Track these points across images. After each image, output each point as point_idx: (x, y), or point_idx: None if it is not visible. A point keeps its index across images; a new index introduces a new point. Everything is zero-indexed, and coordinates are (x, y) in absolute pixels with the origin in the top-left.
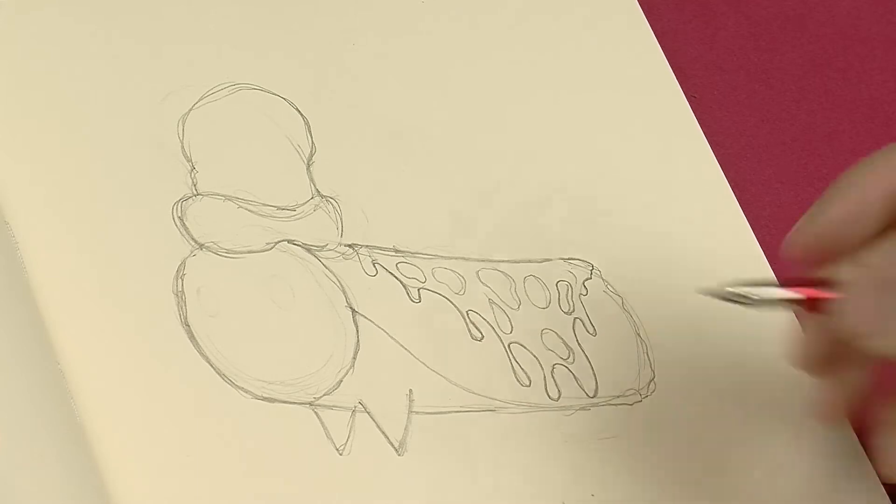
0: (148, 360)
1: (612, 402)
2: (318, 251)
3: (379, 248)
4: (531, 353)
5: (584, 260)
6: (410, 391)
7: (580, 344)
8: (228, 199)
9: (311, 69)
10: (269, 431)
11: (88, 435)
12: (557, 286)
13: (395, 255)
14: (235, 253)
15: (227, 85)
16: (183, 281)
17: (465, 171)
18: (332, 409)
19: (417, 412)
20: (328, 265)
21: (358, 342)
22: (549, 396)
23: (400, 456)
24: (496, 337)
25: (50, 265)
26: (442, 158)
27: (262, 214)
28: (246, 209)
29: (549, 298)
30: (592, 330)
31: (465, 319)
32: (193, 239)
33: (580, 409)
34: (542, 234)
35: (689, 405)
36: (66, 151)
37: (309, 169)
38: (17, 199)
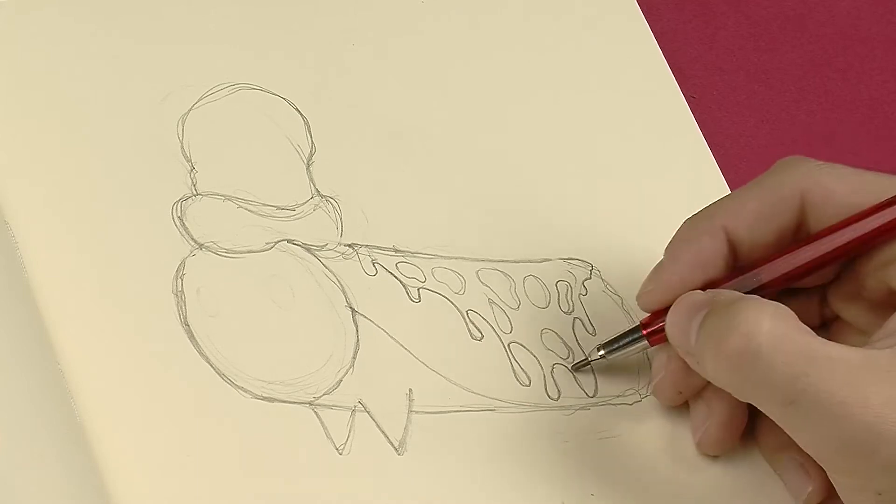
0: (148, 360)
1: (611, 402)
2: (317, 251)
3: (379, 247)
4: (531, 352)
5: (583, 260)
6: (410, 391)
7: (580, 344)
8: (228, 199)
9: (311, 69)
10: (269, 431)
11: (88, 435)
12: (557, 286)
13: (394, 254)
14: (235, 253)
15: (226, 85)
16: (183, 281)
17: (465, 171)
18: (331, 408)
19: (417, 412)
20: (328, 265)
21: (358, 342)
22: (548, 396)
23: (400, 456)
24: (496, 337)
25: (50, 265)
26: (442, 158)
27: (261, 214)
28: (246, 209)
29: (548, 298)
30: (592, 330)
31: (464, 319)
32: (193, 239)
33: (580, 408)
34: (541, 234)
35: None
36: (66, 151)
37: (309, 169)
38: (17, 199)
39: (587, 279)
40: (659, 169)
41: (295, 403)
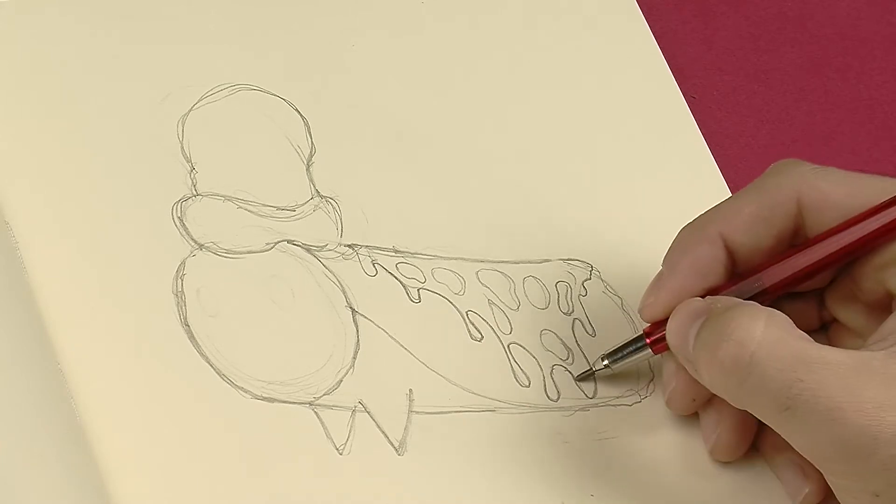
0: (148, 360)
1: (611, 402)
2: (317, 251)
3: (379, 248)
4: (530, 353)
5: (583, 261)
6: (410, 391)
7: (579, 345)
8: (228, 199)
9: (311, 69)
10: (269, 431)
11: (88, 435)
12: (557, 287)
13: (394, 255)
14: (235, 253)
15: (226, 85)
16: (183, 281)
17: (464, 171)
18: (332, 408)
19: (417, 412)
20: (328, 265)
21: (358, 342)
22: (548, 397)
23: (400, 456)
24: (496, 337)
25: (50, 265)
26: (442, 158)
27: (261, 215)
28: (246, 209)
29: (548, 299)
30: (592, 331)
31: (464, 320)
32: (193, 239)
33: (579, 409)
34: (541, 234)
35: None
36: (66, 151)
37: (308, 169)
38: (17, 199)
39: (587, 280)
40: (659, 169)
41: (295, 403)
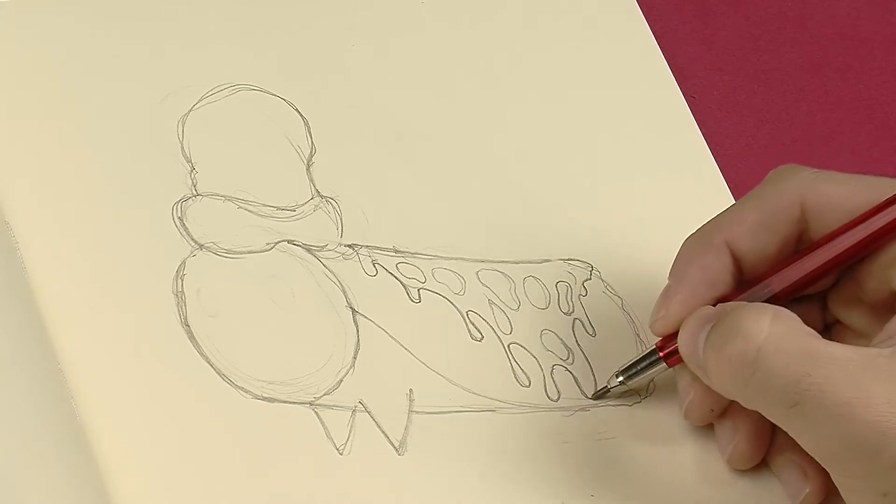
0: (148, 360)
1: (611, 403)
2: (318, 251)
3: (379, 248)
4: (531, 353)
5: (583, 261)
6: (410, 391)
7: (580, 345)
8: (228, 199)
9: (311, 69)
10: (269, 431)
11: (88, 435)
12: (557, 287)
13: (395, 255)
14: (235, 253)
15: (226, 85)
16: (183, 281)
17: (464, 171)
18: (332, 408)
19: (417, 412)
20: (328, 265)
21: (358, 342)
22: (548, 397)
23: (400, 456)
24: (496, 337)
25: (50, 265)
26: (442, 158)
27: (261, 215)
28: (246, 209)
29: (548, 299)
30: (592, 331)
31: (464, 320)
32: (193, 239)
33: (580, 409)
34: (541, 234)
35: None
36: (66, 151)
37: (309, 169)
38: (17, 199)
39: (587, 280)
40: (659, 169)
41: (295, 403)
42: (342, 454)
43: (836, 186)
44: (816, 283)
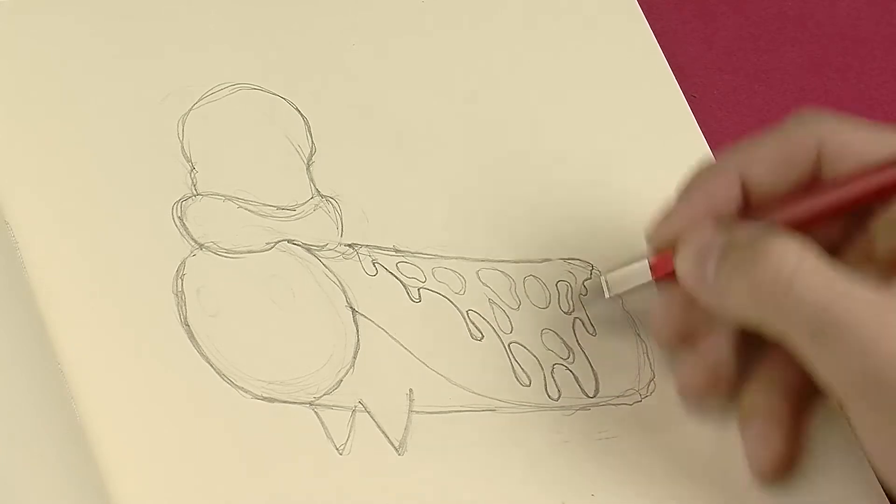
0: (148, 360)
1: (611, 402)
2: (318, 251)
3: (379, 247)
4: (531, 352)
5: (584, 260)
6: (410, 391)
7: (580, 344)
8: (228, 199)
9: (311, 69)
10: (269, 431)
11: (88, 435)
12: (557, 286)
13: (395, 254)
14: (235, 253)
15: (226, 85)
16: (183, 281)
17: (465, 170)
18: (332, 408)
19: (417, 412)
20: (328, 265)
21: (358, 342)
22: (548, 396)
23: (400, 456)
24: (496, 337)
25: (50, 265)
26: (442, 158)
27: (261, 214)
28: (246, 209)
29: (548, 298)
30: (592, 330)
31: (465, 319)
32: (193, 239)
33: (580, 409)
34: (542, 234)
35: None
36: (66, 151)
37: (309, 169)
38: (17, 199)
39: (587, 279)
40: (659, 169)
41: (295, 403)
42: (342, 454)
43: (854, 134)
44: (820, 224)
